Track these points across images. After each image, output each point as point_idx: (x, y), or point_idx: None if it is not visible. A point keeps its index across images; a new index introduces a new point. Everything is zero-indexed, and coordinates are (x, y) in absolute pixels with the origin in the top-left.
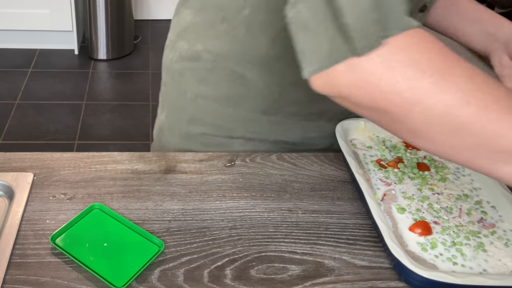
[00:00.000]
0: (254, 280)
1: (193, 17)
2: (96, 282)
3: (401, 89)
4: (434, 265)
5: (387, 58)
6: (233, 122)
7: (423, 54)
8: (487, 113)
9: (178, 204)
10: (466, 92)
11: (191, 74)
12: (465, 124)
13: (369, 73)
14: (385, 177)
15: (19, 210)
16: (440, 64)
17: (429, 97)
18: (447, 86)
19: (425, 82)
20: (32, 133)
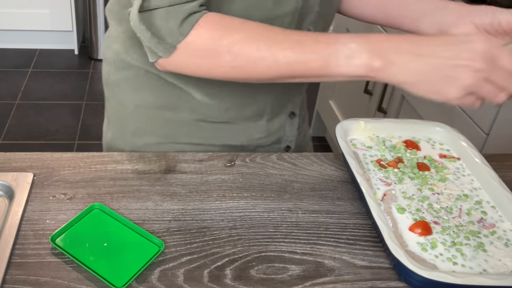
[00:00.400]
0: (254, 280)
1: (116, 28)
2: (96, 282)
3: (215, 59)
4: (434, 265)
5: (181, 59)
6: (176, 129)
7: (204, 38)
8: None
9: (178, 204)
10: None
11: (126, 84)
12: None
13: (176, 65)
14: (385, 177)
15: (19, 210)
16: (216, 35)
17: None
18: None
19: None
20: (32, 133)
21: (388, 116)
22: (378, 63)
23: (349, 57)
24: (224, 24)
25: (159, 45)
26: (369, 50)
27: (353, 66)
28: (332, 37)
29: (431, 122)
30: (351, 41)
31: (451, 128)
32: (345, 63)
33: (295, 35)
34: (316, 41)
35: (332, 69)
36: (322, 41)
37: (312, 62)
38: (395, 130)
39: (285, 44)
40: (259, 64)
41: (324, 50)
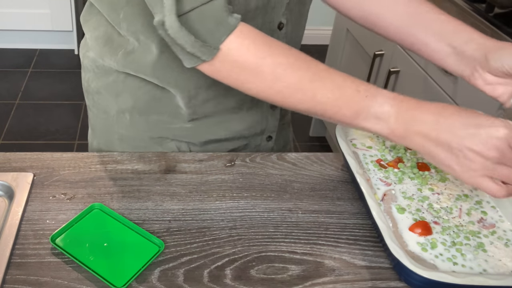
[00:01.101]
0: (254, 280)
1: (90, 36)
2: (96, 282)
3: (253, 76)
4: (434, 265)
5: (223, 65)
6: (160, 131)
7: (249, 50)
8: (305, 75)
9: (178, 204)
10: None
11: (107, 91)
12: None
13: (223, 70)
14: (385, 177)
15: (19, 210)
16: (261, 51)
17: (272, 75)
18: (273, 65)
19: (264, 64)
20: (32, 133)
21: None
22: (400, 132)
23: (378, 118)
24: (269, 41)
25: (203, 48)
26: (398, 115)
27: (379, 126)
28: (371, 91)
29: None
30: (387, 103)
31: None
32: (372, 121)
33: (339, 77)
34: (357, 90)
35: (358, 121)
36: (361, 92)
37: (345, 109)
38: None
39: (327, 84)
40: (296, 94)
41: (360, 102)
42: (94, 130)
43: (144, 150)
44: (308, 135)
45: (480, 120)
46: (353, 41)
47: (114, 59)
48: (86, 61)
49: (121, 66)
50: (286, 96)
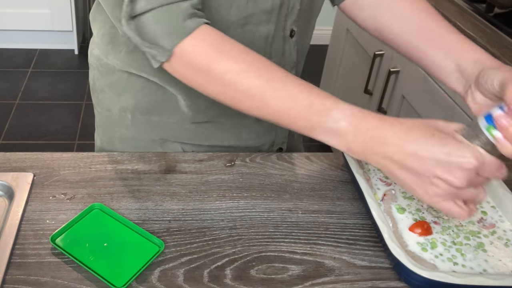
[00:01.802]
0: (254, 280)
1: (97, 33)
2: (96, 282)
3: (208, 76)
4: (434, 265)
5: (178, 65)
6: (162, 133)
7: (201, 53)
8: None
9: (178, 204)
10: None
11: (110, 89)
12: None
13: (175, 71)
14: (385, 177)
15: (19, 210)
16: (214, 55)
17: (224, 75)
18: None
19: (219, 65)
20: (32, 133)
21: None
22: (359, 149)
23: (334, 133)
24: (225, 46)
25: (153, 50)
26: (356, 133)
27: (335, 141)
28: (326, 105)
29: None
30: (344, 120)
31: None
32: (328, 136)
33: (294, 87)
34: (311, 103)
35: (314, 134)
36: (315, 106)
37: (299, 122)
38: None
39: (279, 94)
40: (247, 102)
41: (314, 116)
42: (98, 128)
43: (143, 151)
44: None
45: (450, 149)
46: (353, 41)
47: (118, 57)
48: (92, 59)
49: (124, 65)
50: (238, 102)
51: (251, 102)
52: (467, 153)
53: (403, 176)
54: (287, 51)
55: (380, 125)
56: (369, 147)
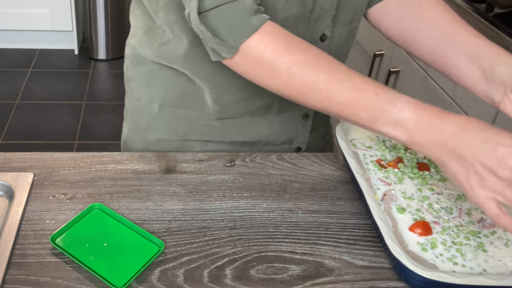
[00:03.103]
0: (254, 280)
1: (134, 25)
2: (96, 282)
3: (272, 73)
4: (434, 265)
5: (242, 61)
6: (186, 126)
7: (267, 48)
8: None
9: (178, 204)
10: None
11: (140, 79)
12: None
13: (244, 67)
14: (385, 177)
15: (19, 210)
16: (279, 49)
17: (289, 73)
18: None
19: (282, 62)
20: (32, 133)
21: None
22: (419, 139)
23: (397, 123)
24: (289, 40)
25: (221, 46)
26: (418, 122)
27: (397, 131)
28: (391, 96)
29: None
30: (407, 109)
31: None
32: (391, 126)
33: (358, 78)
34: (376, 93)
35: (377, 125)
36: (380, 96)
37: (363, 112)
38: None
39: (345, 84)
40: (313, 93)
41: (379, 106)
42: (126, 115)
43: (165, 145)
44: None
45: (501, 138)
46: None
47: (151, 48)
48: (127, 48)
49: (156, 56)
50: (302, 93)
51: (316, 94)
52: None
53: (452, 164)
54: None
55: (440, 115)
56: (429, 136)
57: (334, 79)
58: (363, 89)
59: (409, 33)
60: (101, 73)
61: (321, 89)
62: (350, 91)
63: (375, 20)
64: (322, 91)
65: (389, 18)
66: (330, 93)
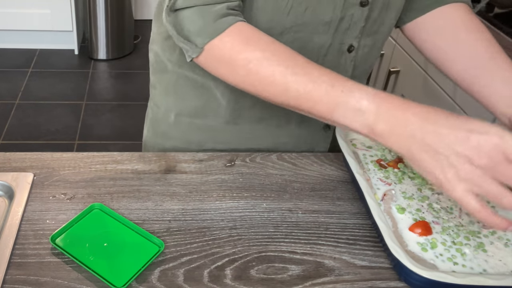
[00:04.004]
0: (254, 280)
1: (157, 29)
2: (96, 282)
3: (234, 68)
4: (434, 265)
5: (206, 61)
6: (202, 135)
7: (225, 46)
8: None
9: (178, 204)
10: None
11: (160, 87)
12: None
13: (204, 66)
14: (385, 177)
15: (19, 210)
16: (238, 47)
17: (253, 65)
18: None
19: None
20: (32, 133)
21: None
22: (380, 128)
23: (355, 114)
24: (250, 37)
25: (186, 45)
26: (378, 112)
27: (357, 123)
28: (347, 86)
29: None
30: (365, 99)
31: None
32: (350, 117)
33: (315, 71)
34: (332, 85)
35: (336, 117)
36: (336, 87)
37: (320, 105)
38: None
39: (300, 78)
40: (269, 88)
41: (335, 97)
42: (147, 118)
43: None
44: None
45: (473, 125)
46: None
47: (173, 55)
48: (151, 54)
49: (177, 63)
50: (260, 89)
51: (272, 89)
52: (492, 129)
53: (422, 158)
54: (342, 65)
55: (402, 105)
56: (391, 127)
57: (290, 73)
58: (318, 81)
59: (443, 52)
60: (101, 73)
61: (277, 84)
62: (305, 84)
63: (411, 34)
64: (278, 85)
65: (424, 34)
66: (286, 87)
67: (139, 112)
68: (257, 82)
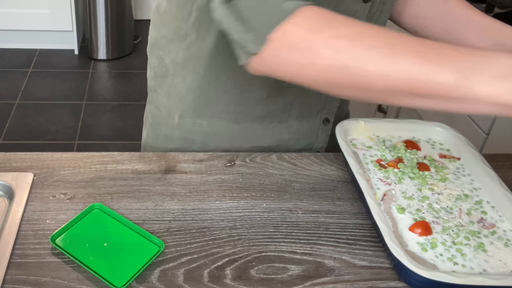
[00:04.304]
0: (254, 280)
1: (158, 33)
2: (96, 282)
3: (308, 61)
4: (434, 265)
5: (273, 53)
6: (205, 135)
7: (302, 27)
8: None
9: (178, 204)
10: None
11: (162, 91)
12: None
13: (268, 63)
14: (385, 177)
15: (19, 210)
16: (315, 26)
17: (324, 55)
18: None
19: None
20: (32, 133)
21: (388, 116)
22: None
23: (497, 77)
24: (329, 16)
25: (250, 35)
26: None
27: (502, 89)
28: (475, 49)
29: (431, 122)
30: (506, 57)
31: (451, 128)
32: (490, 82)
33: (425, 40)
34: (453, 49)
35: (469, 87)
36: (461, 50)
37: (444, 73)
38: (395, 130)
39: (411, 47)
40: (367, 68)
41: (464, 61)
42: (146, 121)
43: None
44: None
45: None
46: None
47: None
48: (153, 58)
49: (181, 66)
50: (351, 73)
51: (371, 67)
52: None
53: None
54: None
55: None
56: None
57: (396, 44)
58: (436, 48)
59: (421, 18)
60: (101, 73)
61: (377, 59)
62: (420, 54)
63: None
64: (379, 61)
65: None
66: (392, 61)
67: (139, 112)
68: (347, 62)
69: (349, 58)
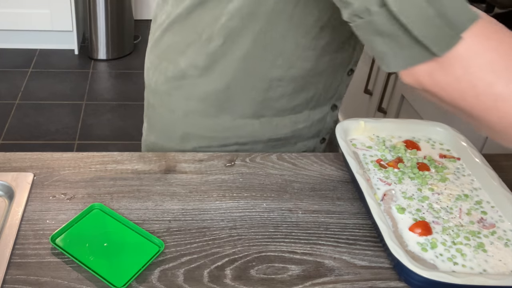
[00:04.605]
0: (254, 280)
1: (173, 37)
2: (96, 282)
3: (478, 93)
4: (434, 265)
5: (466, 62)
6: (226, 131)
7: (497, 50)
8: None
9: (178, 204)
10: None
11: (178, 93)
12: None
13: (449, 76)
14: (385, 177)
15: (19, 210)
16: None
17: (503, 103)
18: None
19: (500, 87)
20: (32, 133)
21: (388, 116)
22: None
23: None
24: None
25: (443, 29)
26: None
27: None
28: None
29: (431, 122)
30: None
31: (451, 128)
32: None
33: None
34: None
35: None
36: None
37: None
38: (395, 130)
39: None
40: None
41: None
42: (151, 125)
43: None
44: None
45: None
46: None
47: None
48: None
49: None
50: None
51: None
52: None
53: None
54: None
55: None
56: None
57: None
58: None
59: None
60: (101, 73)
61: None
62: None
63: None
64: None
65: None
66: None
67: (139, 112)
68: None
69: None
